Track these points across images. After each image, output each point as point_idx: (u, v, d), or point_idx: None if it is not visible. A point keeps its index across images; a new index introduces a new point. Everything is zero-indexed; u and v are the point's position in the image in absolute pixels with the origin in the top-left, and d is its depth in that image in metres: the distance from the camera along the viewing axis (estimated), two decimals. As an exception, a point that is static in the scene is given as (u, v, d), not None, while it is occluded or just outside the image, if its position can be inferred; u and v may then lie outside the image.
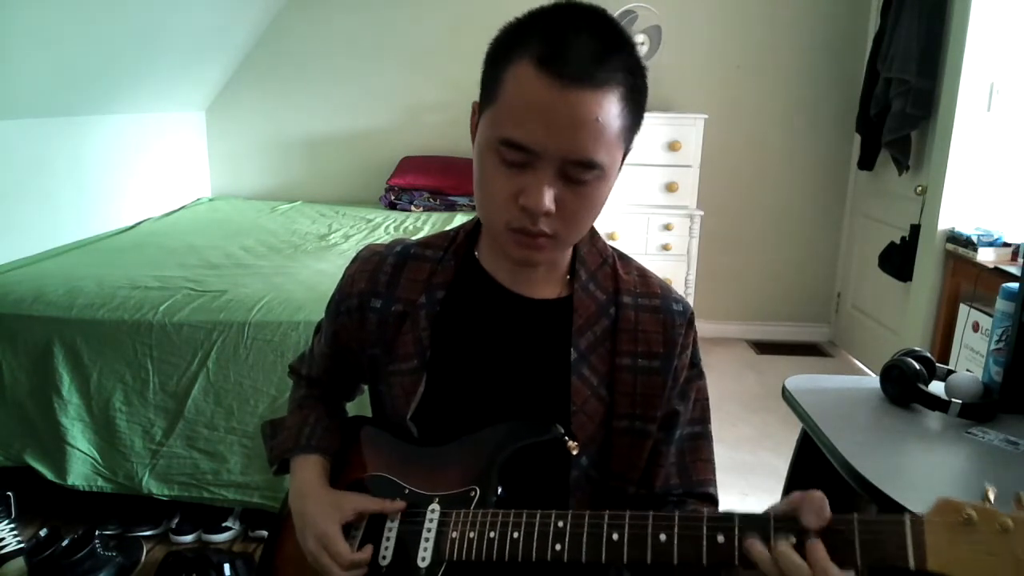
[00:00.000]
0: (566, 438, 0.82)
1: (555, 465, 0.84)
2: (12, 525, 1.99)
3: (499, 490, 0.82)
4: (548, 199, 0.76)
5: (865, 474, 1.06)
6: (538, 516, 0.75)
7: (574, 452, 0.83)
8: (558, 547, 0.73)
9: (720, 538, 0.67)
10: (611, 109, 0.74)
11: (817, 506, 0.65)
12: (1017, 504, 0.59)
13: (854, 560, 0.62)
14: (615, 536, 0.71)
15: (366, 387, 1.04)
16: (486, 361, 0.89)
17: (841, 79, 3.62)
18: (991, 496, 0.61)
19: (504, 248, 0.83)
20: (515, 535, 0.75)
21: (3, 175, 2.50)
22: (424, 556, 0.80)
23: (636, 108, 0.78)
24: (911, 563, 0.60)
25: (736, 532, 0.67)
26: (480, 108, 0.81)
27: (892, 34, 3.00)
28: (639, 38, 3.22)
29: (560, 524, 0.74)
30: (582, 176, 0.76)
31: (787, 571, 0.64)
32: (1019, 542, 0.58)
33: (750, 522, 0.68)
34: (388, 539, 0.84)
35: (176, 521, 2.11)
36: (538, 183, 0.75)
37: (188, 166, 3.80)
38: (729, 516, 0.68)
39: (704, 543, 0.68)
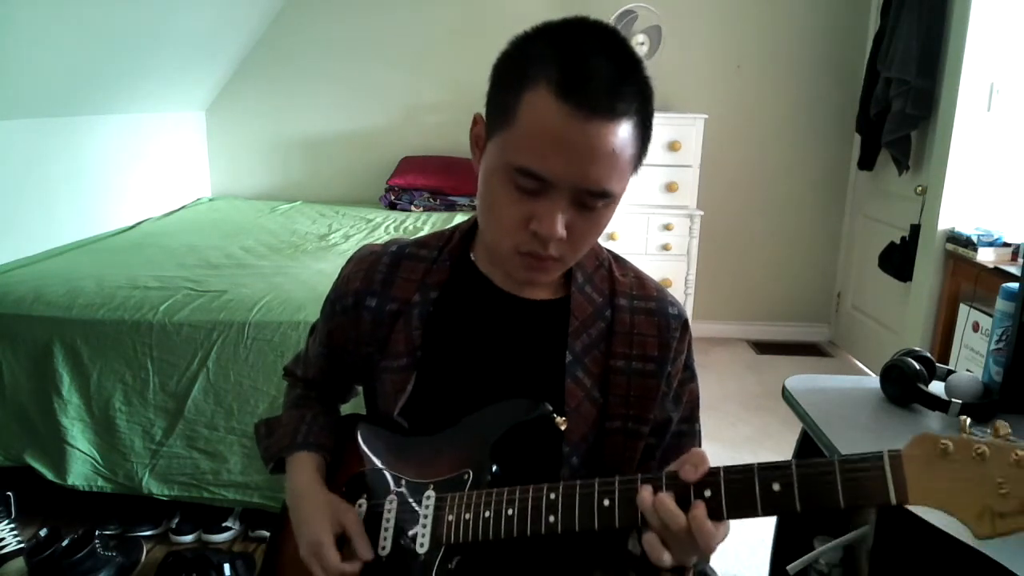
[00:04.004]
0: (554, 415, 0.82)
1: (546, 442, 0.85)
2: (12, 525, 1.99)
3: (493, 468, 0.82)
4: (561, 226, 0.76)
5: (865, 474, 1.06)
6: (531, 491, 0.76)
7: (562, 428, 0.83)
8: (552, 519, 0.74)
9: (707, 492, 0.68)
10: (626, 139, 0.74)
11: (695, 461, 0.69)
12: (993, 432, 0.60)
13: (837, 502, 0.63)
14: (606, 502, 0.72)
15: (360, 389, 1.04)
16: (479, 361, 0.89)
17: (841, 79, 3.62)
18: (967, 427, 0.62)
19: (509, 269, 0.84)
20: (509, 512, 0.76)
21: (3, 175, 2.50)
22: (422, 542, 0.81)
23: (646, 133, 0.78)
24: (892, 499, 0.61)
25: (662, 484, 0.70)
26: (489, 128, 0.80)
27: (892, 34, 3.00)
28: (639, 38, 3.22)
29: (552, 496, 0.75)
30: (593, 204, 0.77)
31: (664, 518, 0.68)
32: (996, 467, 0.58)
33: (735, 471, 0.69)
34: (386, 529, 0.85)
35: (176, 521, 2.11)
36: (551, 211, 0.75)
37: (188, 166, 3.80)
38: (715, 471, 0.69)
39: (692, 497, 0.69)
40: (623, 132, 0.73)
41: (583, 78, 0.71)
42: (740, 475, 0.67)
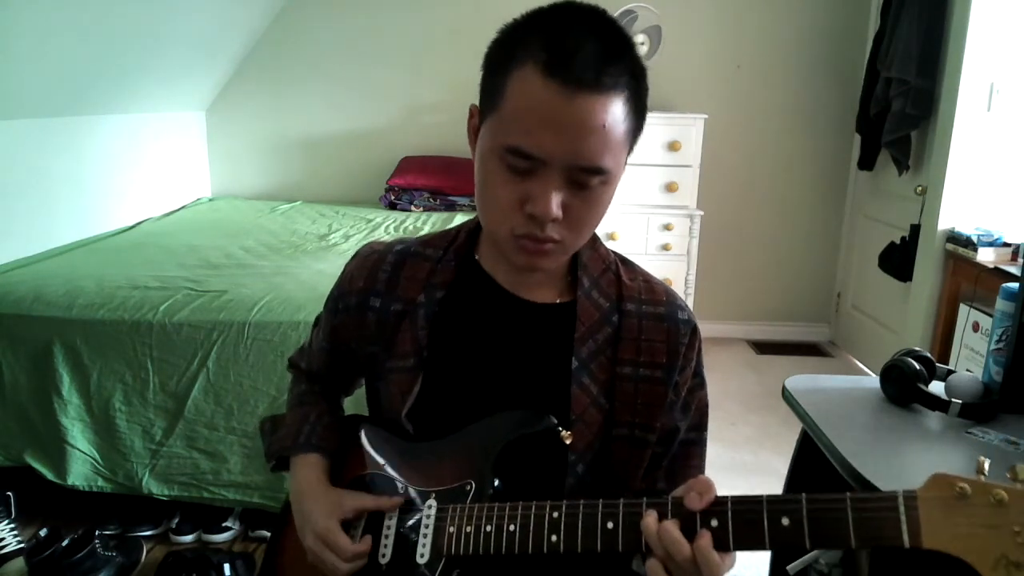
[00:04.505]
0: (559, 428, 0.82)
1: (550, 456, 0.84)
2: (12, 525, 1.99)
3: (495, 482, 0.82)
4: (555, 205, 0.75)
5: (865, 474, 1.06)
6: (533, 508, 0.75)
7: (567, 441, 0.82)
8: (554, 538, 0.73)
9: (714, 522, 0.67)
10: (617, 114, 0.74)
11: (701, 489, 0.67)
12: (1011, 476, 0.58)
13: (848, 541, 0.61)
14: (610, 525, 0.71)
15: (363, 381, 1.04)
16: (484, 363, 0.88)
17: (841, 79, 3.62)
18: (985, 468, 0.59)
19: (508, 255, 0.82)
20: (511, 528, 0.75)
21: (3, 175, 2.50)
22: (423, 552, 0.80)
23: (639, 110, 0.78)
24: (906, 542, 0.59)
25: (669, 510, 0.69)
26: (481, 114, 0.80)
27: (892, 34, 3.00)
28: (639, 38, 3.22)
29: (555, 515, 0.74)
30: (588, 181, 0.76)
31: (668, 546, 0.66)
32: (1015, 514, 0.56)
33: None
34: (387, 537, 0.85)
35: (176, 521, 2.11)
36: (545, 190, 0.75)
37: (188, 166, 3.80)
38: (722, 500, 0.68)
39: (698, 526, 0.68)
40: (613, 107, 0.73)
41: (568, 54, 0.71)
42: (748, 506, 0.65)
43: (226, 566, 1.87)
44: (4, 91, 2.39)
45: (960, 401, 1.23)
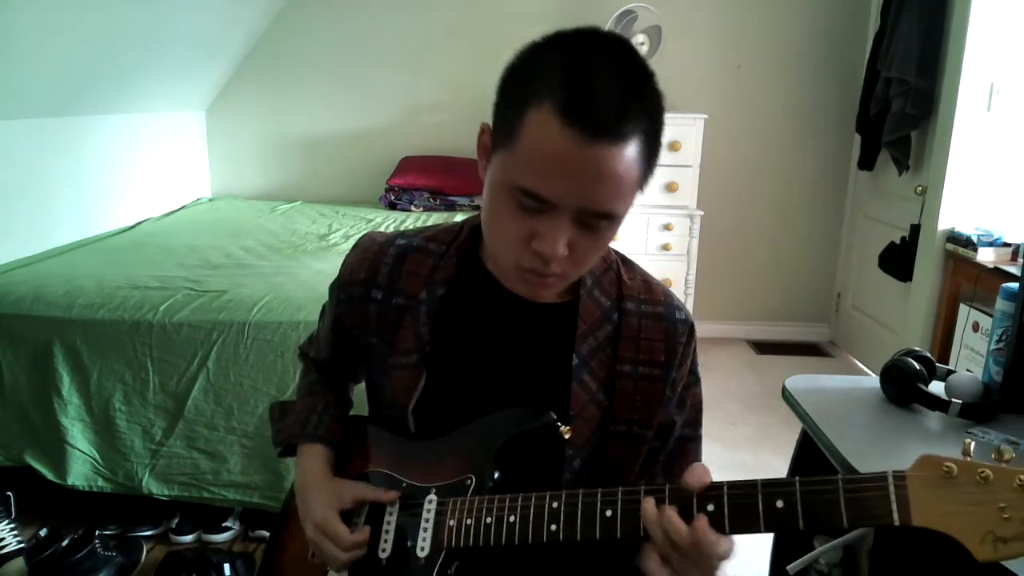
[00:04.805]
0: (558, 424, 0.82)
1: (549, 451, 0.85)
2: (12, 525, 1.99)
3: (495, 475, 0.82)
4: (562, 246, 0.75)
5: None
6: (533, 498, 0.76)
7: (566, 436, 0.83)
8: (553, 527, 0.74)
9: (710, 507, 0.69)
10: (632, 160, 0.72)
11: (698, 475, 0.70)
12: (997, 456, 0.60)
13: (840, 520, 0.62)
14: (608, 513, 0.72)
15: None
16: (486, 361, 0.89)
17: (841, 79, 3.62)
18: (971, 450, 0.62)
19: (511, 282, 0.84)
20: (511, 519, 0.76)
21: (3, 175, 2.50)
22: (423, 546, 0.81)
23: (654, 150, 0.76)
24: (895, 520, 0.61)
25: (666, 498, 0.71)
26: (494, 141, 0.78)
27: (892, 34, 3.00)
28: (639, 38, 3.22)
29: (555, 505, 0.75)
30: (597, 224, 0.76)
31: (668, 531, 0.68)
32: (1000, 491, 0.58)
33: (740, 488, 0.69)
34: (387, 531, 0.86)
35: (176, 521, 2.11)
36: (554, 230, 0.75)
37: (188, 166, 3.80)
38: (718, 485, 0.70)
39: (695, 511, 0.69)
40: (629, 153, 0.71)
41: (588, 99, 0.69)
42: (743, 491, 0.67)
43: (226, 566, 1.87)
44: (4, 91, 2.39)
45: (960, 401, 1.23)
